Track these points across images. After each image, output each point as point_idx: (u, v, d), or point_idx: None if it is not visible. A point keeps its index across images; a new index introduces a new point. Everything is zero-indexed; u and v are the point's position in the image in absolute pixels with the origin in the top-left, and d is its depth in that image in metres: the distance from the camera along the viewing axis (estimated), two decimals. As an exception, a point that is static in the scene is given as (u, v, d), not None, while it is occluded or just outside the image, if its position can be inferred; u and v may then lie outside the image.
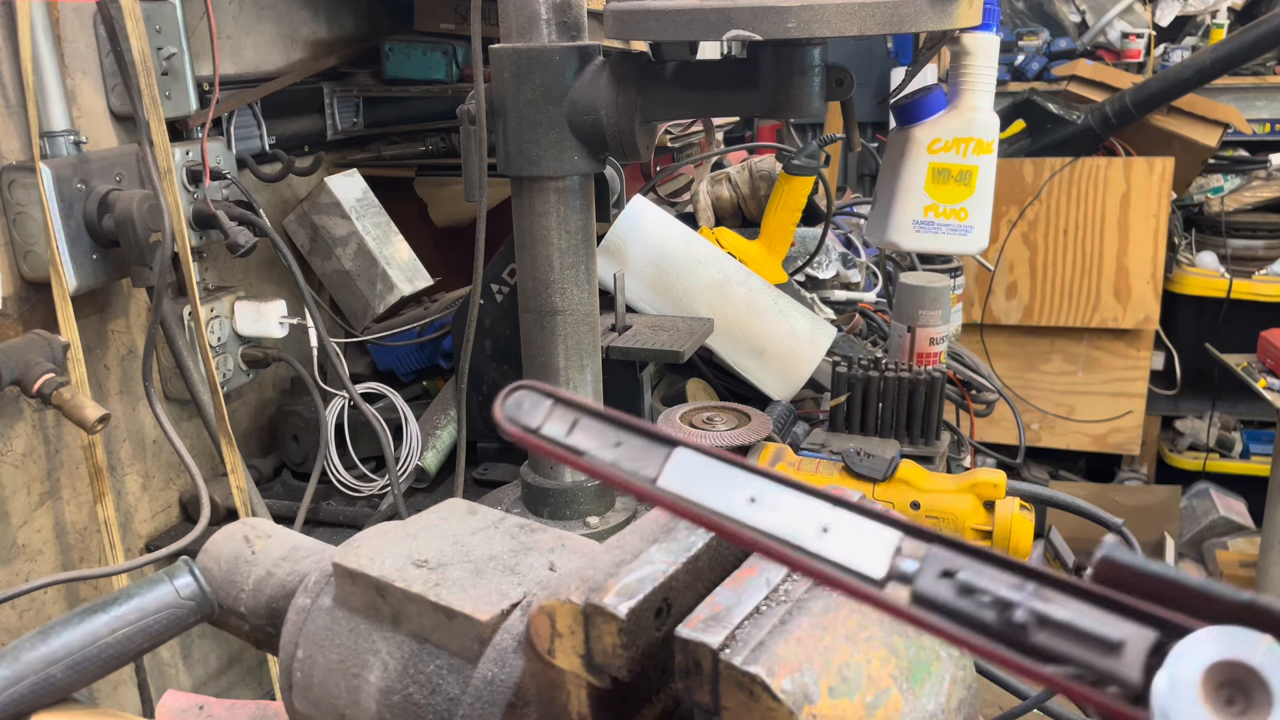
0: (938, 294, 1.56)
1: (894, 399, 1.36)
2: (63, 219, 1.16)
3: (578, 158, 1.08)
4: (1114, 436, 3.75)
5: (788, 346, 1.51)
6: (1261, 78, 3.80)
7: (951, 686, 0.48)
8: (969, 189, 1.28)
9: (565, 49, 1.06)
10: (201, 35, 1.38)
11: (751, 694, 0.42)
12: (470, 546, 0.61)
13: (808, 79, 1.01)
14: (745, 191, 1.97)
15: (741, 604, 0.46)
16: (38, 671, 0.62)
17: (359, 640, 0.59)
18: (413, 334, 1.62)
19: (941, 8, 0.94)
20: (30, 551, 1.23)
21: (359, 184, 1.68)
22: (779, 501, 0.43)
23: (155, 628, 0.67)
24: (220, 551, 0.71)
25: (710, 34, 0.93)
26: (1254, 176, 3.79)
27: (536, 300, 1.14)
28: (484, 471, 1.45)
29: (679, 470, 0.44)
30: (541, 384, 0.46)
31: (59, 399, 1.10)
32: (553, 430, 0.45)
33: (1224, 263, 3.71)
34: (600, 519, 1.21)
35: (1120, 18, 3.97)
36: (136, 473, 1.38)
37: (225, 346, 1.42)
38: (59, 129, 1.18)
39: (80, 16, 1.22)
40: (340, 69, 1.72)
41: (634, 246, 1.51)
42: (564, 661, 0.48)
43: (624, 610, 0.45)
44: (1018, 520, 1.07)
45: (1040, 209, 3.58)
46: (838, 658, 0.44)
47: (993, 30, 1.29)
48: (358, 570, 0.59)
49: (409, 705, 0.56)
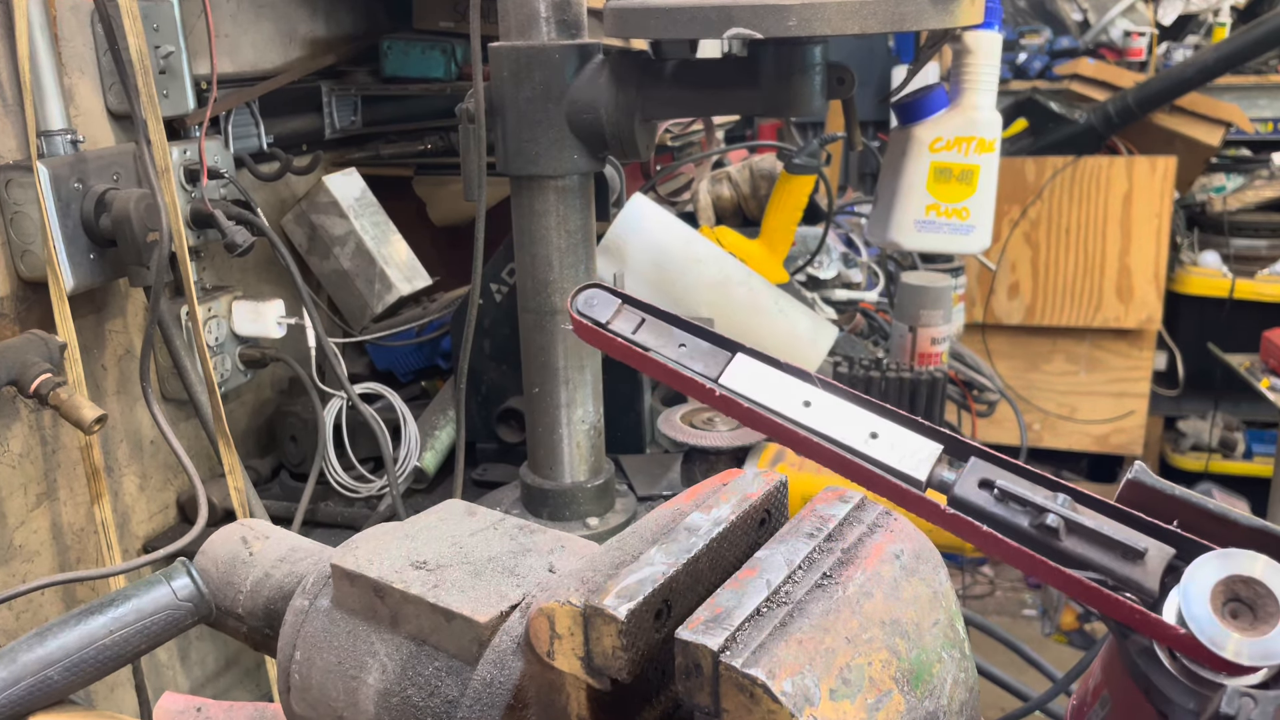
0: (939, 294, 1.55)
1: (895, 399, 1.35)
2: (60, 218, 1.15)
3: (577, 157, 1.08)
4: (1116, 437, 3.75)
5: (788, 346, 1.50)
6: (1264, 76, 3.80)
7: (953, 688, 0.48)
8: (971, 188, 1.28)
9: (565, 47, 1.05)
10: (199, 34, 1.38)
11: (752, 696, 0.42)
12: (469, 548, 0.60)
13: (809, 77, 1.01)
14: (746, 190, 1.97)
15: (742, 606, 0.45)
16: (35, 673, 0.62)
17: (357, 642, 0.59)
18: (411, 334, 1.62)
19: (943, 6, 0.93)
20: (27, 552, 1.23)
21: (357, 183, 1.67)
22: (832, 407, 0.46)
23: (153, 629, 0.66)
24: (218, 553, 0.71)
25: (711, 32, 0.93)
26: (1256, 176, 3.79)
27: (536, 300, 1.13)
28: (483, 472, 1.45)
29: (739, 373, 0.47)
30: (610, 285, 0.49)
31: (56, 399, 1.09)
32: (620, 327, 0.49)
33: (1227, 262, 3.70)
34: (600, 520, 1.20)
35: (1123, 16, 3.96)
36: (134, 473, 1.38)
37: (223, 346, 1.42)
38: (56, 128, 1.17)
39: (77, 15, 1.22)
40: (339, 67, 1.71)
41: (634, 246, 1.50)
42: (563, 663, 0.47)
43: (624, 612, 0.45)
44: (1020, 520, 1.07)
45: (1042, 208, 3.57)
46: (839, 660, 0.44)
47: (994, 29, 1.28)
48: (356, 571, 0.58)
49: (407, 707, 0.56)
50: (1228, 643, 0.40)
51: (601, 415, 1.20)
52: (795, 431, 0.45)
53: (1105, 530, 0.43)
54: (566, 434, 1.17)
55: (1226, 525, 0.44)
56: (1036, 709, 1.12)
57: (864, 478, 0.45)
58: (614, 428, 1.37)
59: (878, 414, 0.46)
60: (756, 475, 0.56)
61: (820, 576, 0.48)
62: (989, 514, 0.44)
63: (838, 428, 0.46)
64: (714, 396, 0.47)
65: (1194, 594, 0.41)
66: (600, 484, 1.20)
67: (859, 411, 0.46)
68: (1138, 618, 0.42)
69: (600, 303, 0.49)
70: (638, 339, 0.48)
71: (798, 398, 0.46)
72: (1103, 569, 0.43)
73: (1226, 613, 0.41)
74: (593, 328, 0.49)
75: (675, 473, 1.33)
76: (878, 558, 0.50)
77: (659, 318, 0.48)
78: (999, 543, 0.43)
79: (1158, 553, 0.43)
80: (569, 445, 1.17)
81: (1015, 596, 3.72)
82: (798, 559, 0.49)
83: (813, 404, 0.46)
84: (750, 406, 0.46)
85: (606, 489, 1.22)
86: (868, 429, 0.45)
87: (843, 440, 0.45)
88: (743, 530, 0.53)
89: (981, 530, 0.43)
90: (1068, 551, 0.43)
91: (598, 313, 0.50)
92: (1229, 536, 0.43)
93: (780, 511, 0.56)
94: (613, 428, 1.33)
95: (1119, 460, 3.88)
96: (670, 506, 0.55)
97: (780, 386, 0.46)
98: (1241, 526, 0.44)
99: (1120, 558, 0.43)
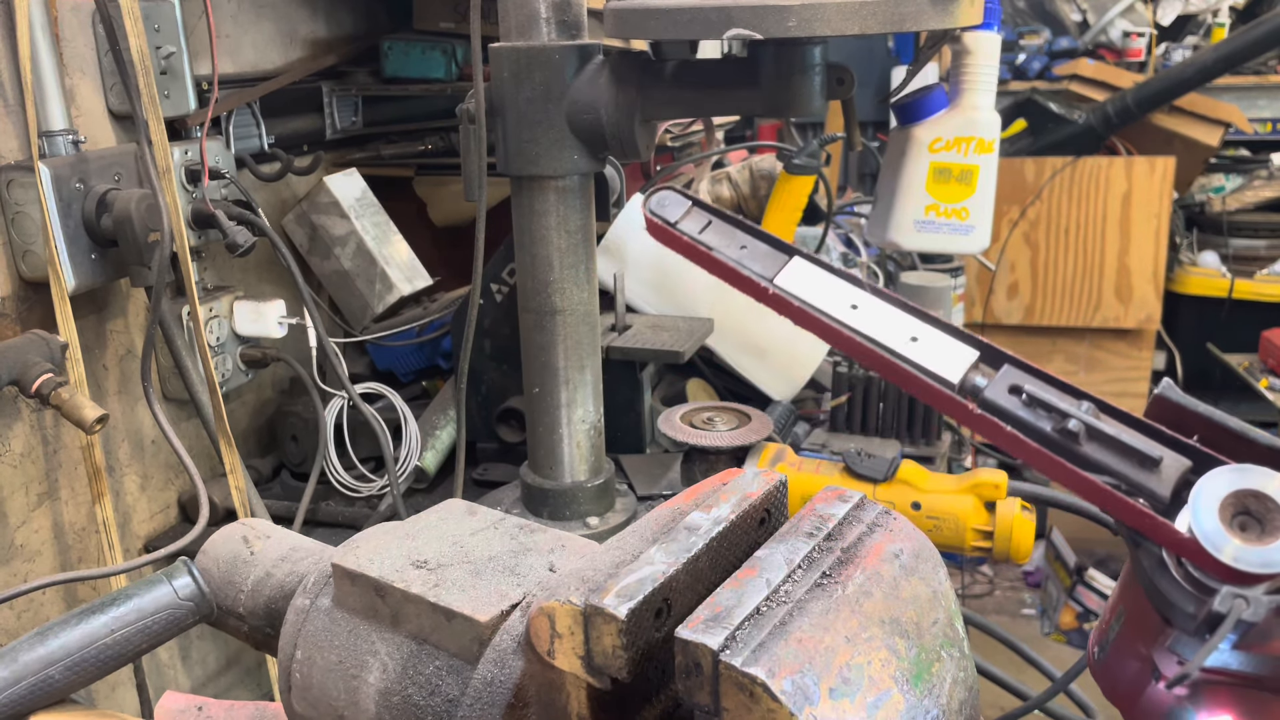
0: (939, 293, 1.55)
1: (895, 399, 1.36)
2: (61, 219, 1.16)
3: (577, 157, 1.08)
4: (1115, 436, 3.74)
5: (788, 347, 1.51)
6: (1263, 77, 3.80)
7: (953, 687, 0.48)
8: (970, 188, 1.28)
9: (565, 48, 1.05)
10: (200, 34, 1.38)
11: (752, 695, 0.42)
12: (470, 547, 0.60)
13: (808, 78, 1.01)
14: (746, 191, 1.97)
15: (742, 605, 0.46)
16: (36, 673, 0.62)
17: (358, 641, 0.59)
18: (412, 334, 1.62)
19: (943, 6, 0.93)
20: (28, 552, 1.23)
21: (358, 183, 1.68)
22: (877, 311, 0.49)
23: (154, 629, 0.66)
24: (219, 552, 0.71)
25: (711, 32, 0.93)
26: (1255, 176, 3.79)
27: (536, 300, 1.13)
28: (483, 472, 1.45)
29: (794, 275, 0.50)
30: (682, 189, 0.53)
31: (57, 399, 1.09)
32: (688, 227, 0.54)
33: (1225, 262, 3.71)
34: (600, 520, 1.21)
35: (1122, 17, 3.96)
36: (135, 473, 1.38)
37: (224, 346, 1.42)
38: (57, 128, 1.17)
39: (79, 16, 1.22)
40: (339, 68, 1.71)
41: (634, 246, 1.50)
42: (564, 662, 0.47)
43: (624, 611, 0.45)
44: (1019, 521, 1.07)
45: (1041, 208, 3.58)
46: (838, 659, 0.44)
47: (994, 29, 1.28)
48: (357, 571, 0.58)
49: (408, 706, 0.56)
50: (1226, 547, 0.42)
51: (601, 415, 1.20)
52: (841, 331, 0.49)
53: (1123, 437, 0.45)
54: (567, 434, 1.17)
55: (1245, 443, 0.46)
56: (1035, 708, 1.12)
57: (902, 378, 0.48)
58: (614, 428, 1.37)
59: (920, 319, 0.49)
60: (756, 475, 0.56)
61: (820, 576, 0.48)
62: (1015, 416, 0.46)
63: (881, 330, 0.48)
64: (768, 295, 0.50)
65: (1203, 502, 0.42)
66: (600, 484, 1.20)
67: (902, 316, 0.49)
68: (1147, 521, 0.43)
69: (671, 204, 0.55)
70: (702, 239, 0.52)
71: (846, 301, 0.49)
72: (1119, 475, 0.45)
73: (1235, 524, 0.42)
74: (663, 226, 0.54)
75: (675, 472, 1.33)
76: (877, 557, 0.50)
77: (724, 220, 0.53)
78: (1022, 444, 0.46)
79: (1173, 463, 0.45)
80: (569, 445, 1.18)
81: (1014, 596, 3.72)
82: (797, 558, 0.49)
83: (860, 307, 0.49)
84: (801, 306, 0.50)
85: (606, 488, 1.22)
86: (909, 333, 0.48)
87: (885, 342, 0.48)
88: (742, 529, 0.53)
89: (1006, 431, 0.46)
90: (1087, 456, 0.45)
91: (668, 213, 0.56)
92: (1247, 454, 0.45)
93: (780, 511, 0.57)
94: (613, 428, 1.33)
95: (1118, 460, 3.88)
96: (670, 506, 0.55)
97: (831, 289, 0.50)
98: (1260, 445, 0.46)
99: (1136, 465, 0.45)
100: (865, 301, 0.49)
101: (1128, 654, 0.51)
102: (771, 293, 0.50)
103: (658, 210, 0.52)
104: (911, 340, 0.48)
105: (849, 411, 1.36)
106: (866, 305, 0.49)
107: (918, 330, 0.48)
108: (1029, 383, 0.47)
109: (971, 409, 0.46)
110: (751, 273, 0.50)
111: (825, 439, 1.36)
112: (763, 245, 0.51)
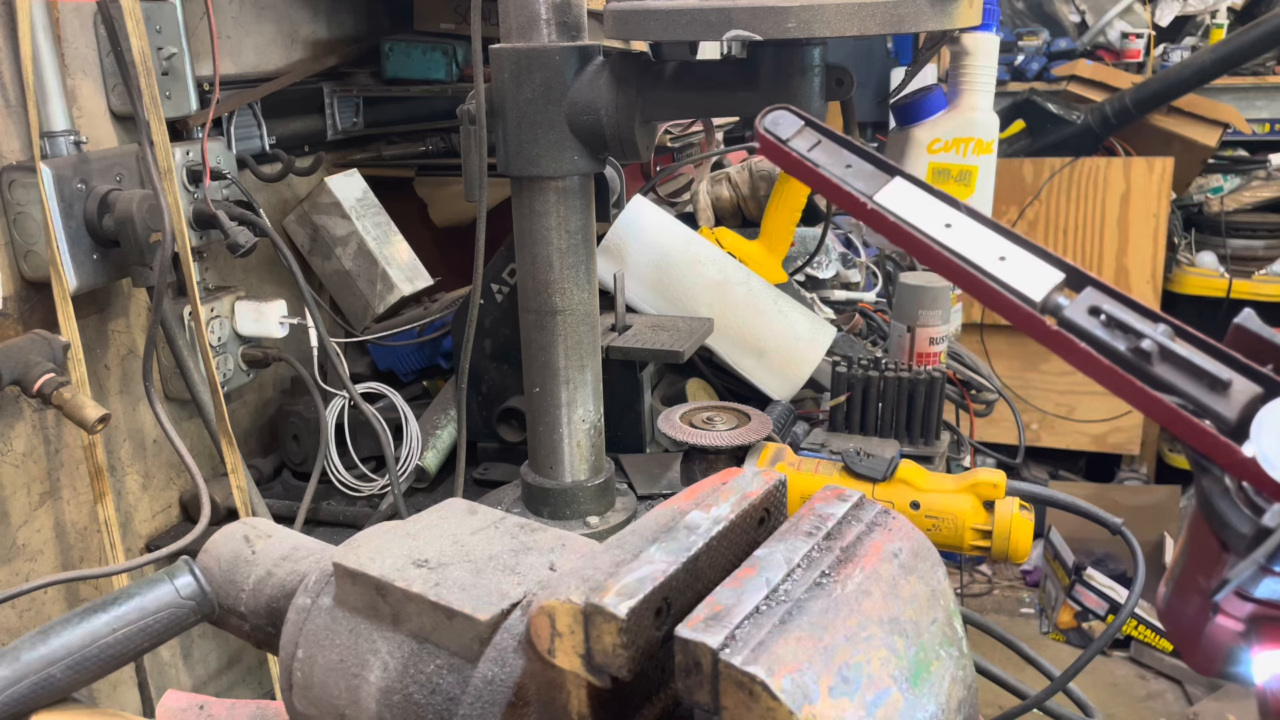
0: (937, 294, 1.56)
1: (894, 399, 1.36)
2: (63, 219, 1.16)
3: (577, 158, 1.08)
4: (1114, 436, 3.75)
5: (787, 346, 1.51)
6: (1261, 78, 3.80)
7: (951, 686, 0.48)
8: (969, 189, 1.29)
9: (565, 49, 1.06)
10: (201, 35, 1.38)
11: (751, 694, 0.42)
12: (470, 546, 0.61)
13: (808, 79, 1.01)
14: (745, 191, 1.97)
15: (741, 604, 0.46)
16: (38, 671, 0.62)
17: (359, 640, 0.59)
18: (413, 334, 1.62)
19: (941, 8, 0.94)
20: (30, 551, 1.23)
21: (359, 184, 1.68)
22: (970, 230, 0.51)
23: (155, 627, 0.67)
24: (220, 551, 0.71)
25: (710, 34, 0.93)
26: (1253, 176, 3.79)
27: (536, 300, 1.14)
28: (484, 471, 1.45)
29: (893, 193, 0.53)
30: (797, 109, 0.57)
31: (59, 399, 1.10)
32: (798, 144, 0.56)
33: (1224, 263, 3.71)
34: (600, 519, 1.21)
35: (1120, 18, 3.97)
36: (137, 472, 1.38)
37: (225, 346, 1.42)
38: (59, 129, 1.18)
39: (80, 16, 1.22)
40: (340, 69, 1.72)
41: (634, 246, 1.51)
42: (564, 661, 0.48)
43: (624, 610, 0.45)
44: (1017, 520, 1.07)
45: (1040, 209, 3.58)
46: (838, 657, 0.44)
47: (992, 30, 1.29)
48: (358, 570, 0.59)
49: (409, 705, 0.56)
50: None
51: (602, 414, 1.20)
52: (932, 248, 0.50)
53: (1195, 359, 0.46)
54: (567, 433, 1.17)
55: None
56: (1034, 707, 1.13)
57: (987, 295, 0.50)
58: (614, 427, 1.37)
59: (1011, 240, 0.50)
60: (756, 474, 0.57)
61: (819, 575, 0.48)
62: (1091, 335, 0.48)
63: (972, 249, 0.50)
64: (865, 210, 0.52)
65: (1269, 423, 0.43)
66: (600, 483, 1.20)
67: (994, 237, 0.51)
68: (1210, 441, 0.44)
69: (785, 123, 0.57)
70: (811, 156, 0.55)
71: (941, 220, 0.51)
72: (1188, 396, 0.46)
73: None
74: (774, 143, 0.56)
75: (675, 472, 1.34)
76: (876, 556, 0.50)
77: (833, 140, 0.55)
78: (1094, 361, 0.47)
79: (1243, 388, 0.46)
80: (569, 444, 1.18)
81: (1013, 595, 3.72)
82: (797, 557, 0.49)
83: (953, 226, 0.51)
84: (896, 222, 0.51)
85: (607, 488, 1.22)
86: (998, 253, 0.50)
87: (974, 260, 0.50)
88: (742, 529, 0.53)
89: (1079, 348, 0.47)
90: (1158, 376, 0.46)
91: (781, 130, 0.57)
92: None
93: (779, 510, 0.57)
94: (613, 427, 1.34)
95: (1117, 460, 3.88)
96: (670, 505, 0.55)
97: (927, 209, 0.52)
98: None
99: (1206, 387, 0.45)
100: (959, 221, 0.51)
101: (1190, 589, 0.52)
102: (870, 208, 0.52)
103: (771, 129, 0.56)
104: (1000, 259, 0.50)
105: (848, 411, 1.37)
106: (959, 225, 0.51)
107: (1007, 250, 0.50)
108: (1109, 304, 0.48)
109: (1050, 325, 0.48)
110: (853, 189, 0.53)
111: (824, 438, 1.36)
112: (867, 165, 0.54)
